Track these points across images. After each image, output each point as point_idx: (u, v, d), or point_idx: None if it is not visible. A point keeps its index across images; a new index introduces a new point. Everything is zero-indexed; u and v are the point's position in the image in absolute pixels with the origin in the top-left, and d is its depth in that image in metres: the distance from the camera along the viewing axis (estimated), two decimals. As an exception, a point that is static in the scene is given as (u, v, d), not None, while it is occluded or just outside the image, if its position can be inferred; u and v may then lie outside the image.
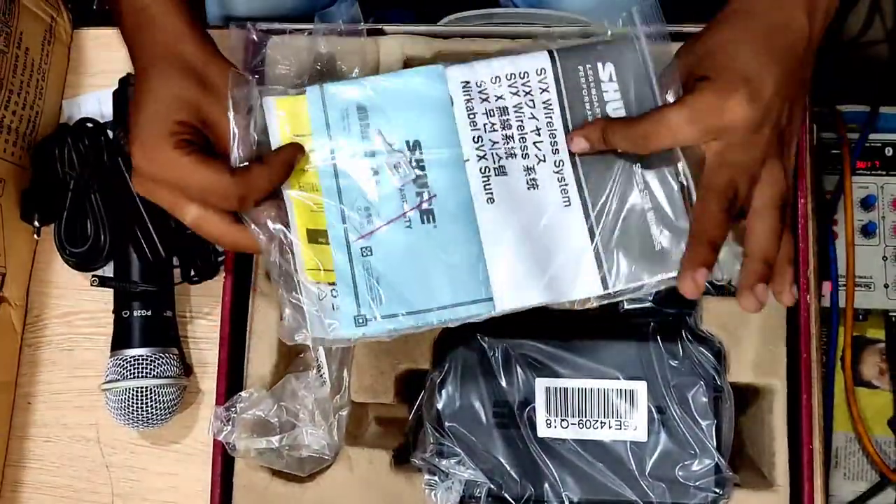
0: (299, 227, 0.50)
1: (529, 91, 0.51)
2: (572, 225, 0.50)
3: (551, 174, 0.51)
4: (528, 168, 0.51)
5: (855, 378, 0.70)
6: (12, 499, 0.69)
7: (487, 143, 0.51)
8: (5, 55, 0.65)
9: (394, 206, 0.50)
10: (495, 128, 0.51)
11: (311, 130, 0.51)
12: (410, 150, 0.51)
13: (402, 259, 0.49)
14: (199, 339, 0.70)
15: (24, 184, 0.69)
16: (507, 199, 0.50)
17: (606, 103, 0.51)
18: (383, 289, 0.49)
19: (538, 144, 0.51)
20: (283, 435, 0.54)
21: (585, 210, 0.50)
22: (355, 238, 0.50)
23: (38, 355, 0.71)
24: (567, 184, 0.51)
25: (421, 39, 0.60)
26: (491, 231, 0.50)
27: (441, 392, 0.56)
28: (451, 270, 0.49)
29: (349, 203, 0.50)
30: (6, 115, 0.66)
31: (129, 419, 0.64)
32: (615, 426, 0.55)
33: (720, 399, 0.55)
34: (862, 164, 0.73)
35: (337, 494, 0.56)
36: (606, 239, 0.50)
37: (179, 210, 0.48)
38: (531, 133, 0.51)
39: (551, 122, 0.51)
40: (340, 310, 0.49)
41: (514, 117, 0.51)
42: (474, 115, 0.51)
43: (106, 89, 0.71)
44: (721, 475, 0.54)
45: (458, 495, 0.54)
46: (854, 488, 0.70)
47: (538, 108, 0.51)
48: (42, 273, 0.72)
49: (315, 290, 0.49)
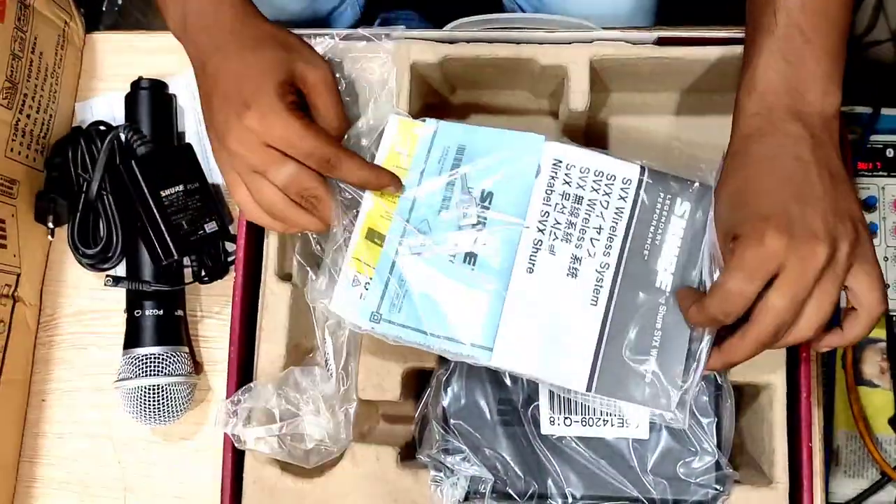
0: (364, 222, 0.54)
1: (609, 193, 0.54)
2: (588, 323, 0.53)
3: (593, 272, 0.53)
4: (576, 258, 0.53)
5: (856, 377, 0.71)
6: (27, 494, 0.70)
7: (552, 220, 0.54)
8: (20, 60, 0.66)
9: (447, 239, 0.54)
10: (564, 210, 0.54)
11: (414, 153, 0.55)
12: (482, 198, 0.54)
13: (432, 284, 0.53)
14: (209, 338, 0.71)
15: (37, 186, 0.70)
16: (545, 276, 0.53)
17: (668, 235, 0.54)
18: (406, 301, 0.53)
19: (594, 241, 0.54)
20: (283, 423, 0.55)
21: (605, 316, 0.53)
22: (405, 252, 0.54)
23: (51, 354, 0.72)
24: (601, 286, 0.53)
25: (427, 45, 0.60)
26: (518, 295, 0.53)
27: (446, 390, 0.57)
28: (468, 311, 0.53)
29: (414, 221, 0.54)
30: (20, 118, 0.67)
31: (142, 416, 0.65)
32: (617, 424, 0.56)
33: (720, 397, 0.56)
34: (863, 165, 0.73)
35: (344, 490, 0.57)
36: (609, 350, 0.52)
37: (276, 167, 0.51)
38: (593, 229, 0.54)
39: (615, 228, 0.54)
40: (364, 301, 0.53)
41: (584, 208, 0.54)
42: (552, 192, 0.54)
43: (117, 93, 0.72)
44: (721, 472, 0.55)
45: (463, 491, 0.55)
46: (855, 486, 0.70)
47: (609, 210, 0.54)
48: (55, 273, 0.73)
49: (353, 275, 0.54)
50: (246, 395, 0.56)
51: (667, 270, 0.53)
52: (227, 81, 0.52)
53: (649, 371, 0.52)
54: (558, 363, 0.52)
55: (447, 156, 0.55)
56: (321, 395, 0.56)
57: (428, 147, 0.55)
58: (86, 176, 0.69)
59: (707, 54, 0.60)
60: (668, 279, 0.53)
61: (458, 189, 0.54)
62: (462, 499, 0.55)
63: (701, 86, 0.64)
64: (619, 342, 0.52)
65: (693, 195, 0.54)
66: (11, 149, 0.67)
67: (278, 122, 0.51)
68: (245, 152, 0.51)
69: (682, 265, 0.53)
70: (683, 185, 0.54)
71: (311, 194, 0.52)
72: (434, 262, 0.53)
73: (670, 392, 0.52)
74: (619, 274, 0.53)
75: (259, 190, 0.52)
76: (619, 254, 0.53)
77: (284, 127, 0.51)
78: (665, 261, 0.53)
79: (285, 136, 0.51)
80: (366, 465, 0.57)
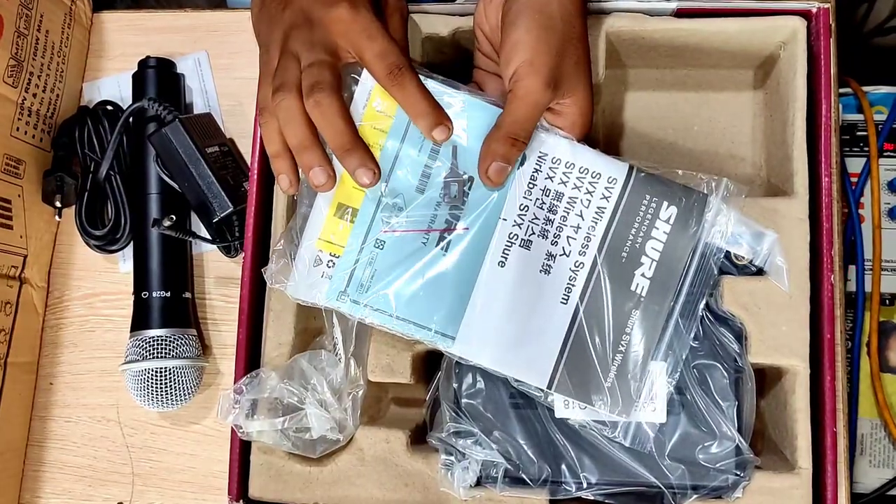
0: (333, 196, 0.52)
1: (592, 192, 0.52)
2: (557, 322, 0.52)
3: (566, 270, 0.52)
4: (550, 255, 0.52)
5: (881, 364, 0.69)
6: (35, 477, 0.70)
7: (530, 215, 0.52)
8: (25, 37, 0.65)
9: (423, 219, 0.52)
10: (543, 206, 0.52)
11: (395, 114, 0.51)
12: (465, 181, 0.52)
13: (401, 265, 0.52)
14: (218, 322, 0.70)
15: (44, 166, 0.69)
16: (517, 270, 0.52)
17: (649, 239, 0.53)
18: (374, 282, 0.52)
19: (570, 239, 0.52)
20: (285, 418, 0.54)
21: (574, 316, 0.52)
22: (378, 229, 0.52)
23: (59, 336, 0.71)
24: (574, 286, 0.52)
25: (439, 18, 0.59)
26: (486, 287, 0.52)
27: (458, 372, 0.56)
28: (435, 296, 0.52)
29: (390, 194, 0.51)
30: (27, 97, 0.66)
31: (148, 399, 0.64)
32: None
33: (741, 380, 0.54)
34: (889, 146, 0.71)
35: (353, 474, 0.56)
36: (574, 350, 0.52)
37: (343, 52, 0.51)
38: (570, 227, 0.52)
39: (593, 228, 0.52)
40: (331, 280, 0.52)
41: (564, 206, 0.52)
42: (534, 185, 0.52)
43: (125, 72, 0.71)
44: (742, 457, 0.53)
45: (474, 475, 0.54)
46: (880, 475, 0.68)
47: (590, 210, 0.52)
48: (64, 255, 0.72)
49: (312, 256, 0.52)
50: (249, 385, 0.55)
51: (644, 275, 0.52)
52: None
53: (611, 377, 0.52)
54: (522, 358, 0.52)
55: None
56: (327, 381, 0.55)
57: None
58: (93, 156, 0.68)
59: (725, 27, 0.58)
60: (644, 284, 0.52)
61: (441, 166, 0.52)
62: (474, 483, 0.54)
63: (720, 61, 0.62)
64: (586, 343, 0.52)
65: (682, 201, 0.53)
66: (17, 128, 0.66)
67: (366, 14, 0.50)
68: (340, 35, 0.50)
69: (661, 271, 0.52)
70: (673, 190, 0.53)
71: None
72: (406, 241, 0.52)
73: (629, 401, 0.52)
74: (594, 274, 0.52)
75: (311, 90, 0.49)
76: (595, 254, 0.52)
77: (370, 20, 0.50)
78: (644, 265, 0.52)
79: (368, 28, 0.50)
80: (375, 448, 0.56)
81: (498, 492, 0.54)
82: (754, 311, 0.54)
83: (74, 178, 0.68)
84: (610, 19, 0.58)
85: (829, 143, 0.56)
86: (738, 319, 0.54)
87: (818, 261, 0.55)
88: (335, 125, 0.49)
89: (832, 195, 0.55)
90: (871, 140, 0.69)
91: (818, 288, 0.55)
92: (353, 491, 0.56)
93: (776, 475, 0.53)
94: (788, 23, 0.57)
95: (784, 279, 0.54)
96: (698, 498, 0.53)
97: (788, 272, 0.54)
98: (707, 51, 0.60)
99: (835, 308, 0.55)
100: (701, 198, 0.53)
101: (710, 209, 0.53)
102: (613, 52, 0.60)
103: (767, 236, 0.54)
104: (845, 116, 0.71)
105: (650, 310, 0.52)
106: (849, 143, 0.70)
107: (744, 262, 0.55)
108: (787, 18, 0.57)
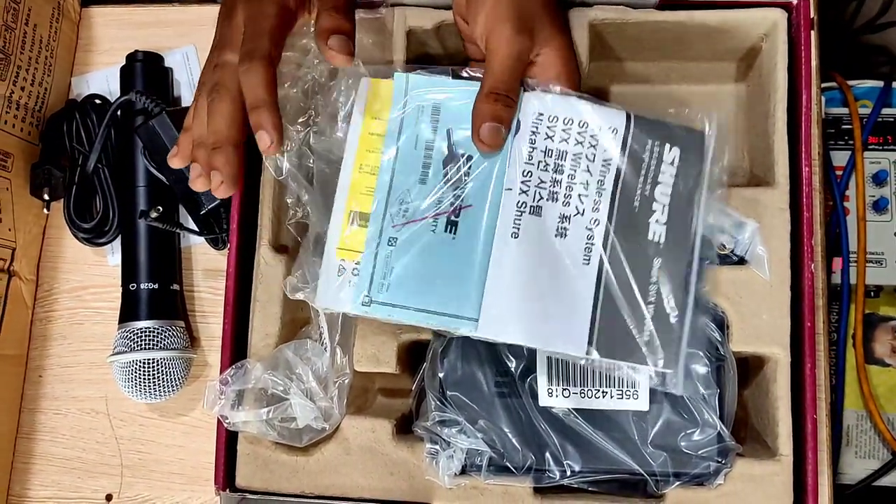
0: (346, 204, 0.52)
1: (595, 145, 0.51)
2: (582, 284, 0.50)
3: (583, 229, 0.51)
4: (564, 216, 0.51)
5: (867, 356, 0.70)
6: (24, 470, 0.70)
7: (535, 179, 0.51)
8: (13, 31, 0.66)
9: (429, 206, 0.51)
10: (547, 168, 0.51)
11: (389, 116, 0.52)
12: (463, 162, 0.51)
13: (416, 257, 0.51)
14: (206, 314, 0.70)
15: (32, 160, 0.69)
16: (531, 240, 0.51)
17: (658, 184, 0.52)
18: (392, 279, 0.51)
19: (582, 197, 0.51)
20: (270, 408, 0.54)
21: (599, 275, 0.51)
22: (389, 227, 0.51)
23: (48, 329, 0.72)
24: (593, 244, 0.51)
25: (423, 10, 0.59)
26: (502, 262, 0.50)
27: (443, 361, 0.56)
28: (451, 282, 0.51)
29: (396, 192, 0.52)
30: (15, 90, 0.66)
31: (137, 391, 0.65)
32: (617, 395, 0.54)
33: (723, 369, 0.54)
34: (874, 139, 0.72)
35: (339, 463, 0.56)
36: (605, 310, 0.50)
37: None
38: (579, 185, 0.51)
39: (602, 182, 0.51)
40: (354, 287, 0.51)
41: (569, 164, 0.51)
42: (534, 149, 0.51)
43: (114, 66, 0.72)
44: (724, 444, 0.53)
45: (459, 464, 0.54)
46: (865, 466, 0.69)
47: (596, 164, 0.51)
48: (52, 248, 0.73)
49: (337, 264, 0.51)
50: (235, 376, 0.56)
51: (658, 221, 0.51)
52: None
53: (647, 329, 0.50)
54: (553, 328, 0.50)
55: (423, 117, 0.52)
56: (313, 370, 0.55)
57: (402, 109, 0.52)
58: (81, 149, 0.68)
59: (707, 19, 0.58)
60: (660, 230, 0.52)
61: (437, 154, 0.52)
62: (458, 471, 0.54)
63: (703, 54, 0.62)
64: (617, 301, 0.50)
65: (683, 140, 0.52)
66: (5, 121, 0.66)
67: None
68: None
69: (674, 215, 0.52)
70: (673, 131, 0.52)
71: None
72: (416, 233, 0.51)
73: (669, 349, 0.50)
74: (611, 229, 0.51)
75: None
76: (609, 208, 0.51)
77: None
78: (656, 212, 0.52)
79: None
80: (361, 437, 0.56)
81: (482, 480, 0.54)
82: (736, 301, 0.55)
83: (62, 172, 0.68)
84: (593, 11, 0.58)
85: (810, 133, 0.56)
86: (719, 308, 0.55)
87: (799, 250, 0.55)
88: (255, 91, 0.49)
89: (812, 185, 0.56)
90: (856, 133, 0.70)
91: (799, 277, 0.55)
92: (339, 480, 0.56)
93: (757, 462, 0.54)
94: (769, 15, 0.58)
95: (765, 268, 0.55)
96: (681, 485, 0.54)
97: (769, 261, 0.55)
98: (689, 43, 0.61)
99: (815, 297, 0.55)
100: (699, 135, 0.52)
101: (708, 144, 0.53)
102: (597, 45, 0.60)
103: (748, 226, 0.55)
104: (830, 110, 0.71)
105: (672, 254, 0.51)
106: (834, 136, 0.71)
107: (725, 252, 0.56)
108: (768, 10, 0.58)
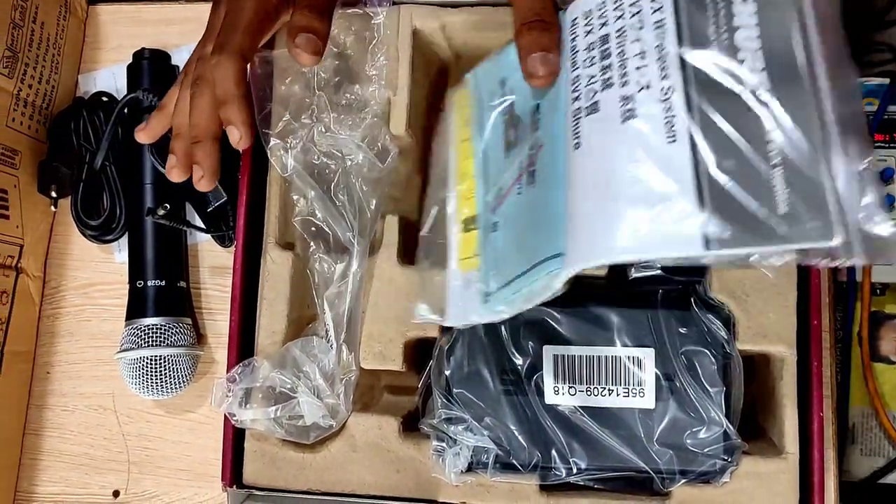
0: (458, 217, 0.50)
1: (639, 11, 0.42)
2: (675, 166, 0.39)
3: (656, 102, 0.40)
4: (626, 97, 0.41)
5: (873, 354, 0.70)
6: (31, 466, 0.70)
7: (584, 79, 0.43)
8: (21, 29, 0.66)
9: (512, 173, 0.47)
10: (594, 61, 0.43)
11: (470, 118, 0.50)
12: (533, 114, 0.47)
13: (510, 226, 0.47)
14: (213, 311, 0.71)
15: (40, 157, 0.70)
16: (596, 137, 0.42)
17: (737, 28, 0.39)
18: (502, 264, 0.47)
19: (641, 69, 0.41)
20: (278, 406, 0.54)
21: (694, 149, 0.39)
22: (489, 214, 0.49)
23: (56, 326, 0.72)
24: (674, 115, 0.39)
25: (429, 10, 0.59)
26: (574, 179, 0.42)
27: (449, 359, 0.56)
28: (538, 230, 0.44)
29: (492, 179, 0.49)
30: (22, 88, 0.67)
31: (144, 388, 0.65)
32: (623, 393, 0.54)
33: (729, 366, 0.54)
34: (880, 136, 0.72)
35: (345, 460, 0.56)
36: (715, 190, 0.38)
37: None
38: (634, 57, 0.41)
39: (662, 46, 0.41)
40: (478, 292, 0.49)
41: (615, 44, 0.42)
42: (576, 52, 0.44)
43: (120, 64, 0.72)
44: (730, 442, 0.53)
45: (465, 461, 0.54)
46: (871, 464, 0.69)
47: (646, 29, 0.41)
48: (60, 246, 0.73)
49: (460, 280, 0.50)
50: (243, 374, 0.56)
51: (753, 70, 0.39)
52: None
53: (781, 196, 0.37)
54: (653, 231, 0.39)
55: (494, 98, 0.50)
56: (319, 367, 0.56)
57: (478, 99, 0.51)
58: (88, 147, 0.68)
59: None
60: (759, 78, 0.39)
61: (511, 122, 0.49)
62: (465, 468, 0.55)
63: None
64: (727, 171, 0.38)
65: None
66: (13, 119, 0.66)
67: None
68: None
69: (774, 57, 0.39)
70: None
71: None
72: (508, 203, 0.47)
73: (822, 212, 0.36)
74: (692, 91, 0.39)
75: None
76: (679, 70, 0.40)
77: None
78: (747, 62, 0.39)
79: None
80: (368, 434, 0.57)
81: (489, 477, 0.55)
82: (742, 299, 0.55)
83: (70, 169, 0.69)
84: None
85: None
86: (726, 306, 0.55)
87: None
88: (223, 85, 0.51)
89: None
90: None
91: (806, 275, 0.55)
92: (346, 476, 0.56)
93: (763, 460, 0.54)
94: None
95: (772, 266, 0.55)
96: (686, 482, 0.54)
97: (776, 259, 0.54)
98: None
99: (822, 295, 0.55)
100: None
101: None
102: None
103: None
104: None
105: (787, 93, 0.38)
106: (840, 133, 0.71)
107: (732, 250, 0.56)
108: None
